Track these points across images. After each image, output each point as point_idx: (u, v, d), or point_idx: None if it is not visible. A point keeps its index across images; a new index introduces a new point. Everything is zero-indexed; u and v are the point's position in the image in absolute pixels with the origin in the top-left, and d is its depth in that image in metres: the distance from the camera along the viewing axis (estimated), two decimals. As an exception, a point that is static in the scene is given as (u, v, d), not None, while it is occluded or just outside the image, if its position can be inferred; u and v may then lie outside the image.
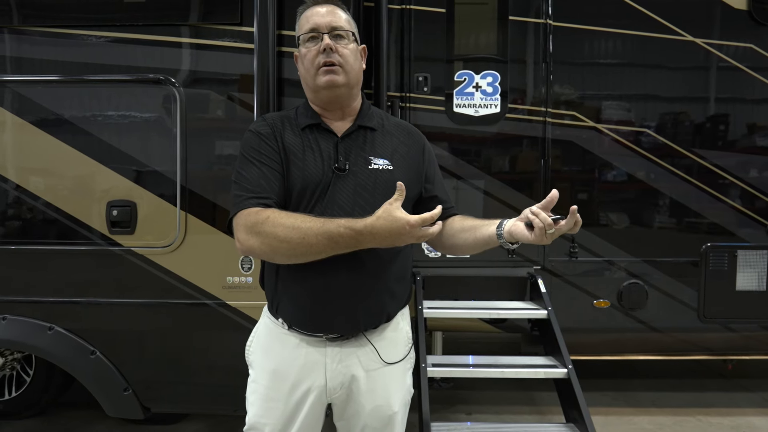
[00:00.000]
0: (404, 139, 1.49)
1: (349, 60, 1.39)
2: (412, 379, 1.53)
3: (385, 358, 1.43)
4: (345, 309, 1.37)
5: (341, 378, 1.40)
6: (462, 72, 3.06)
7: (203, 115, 2.60)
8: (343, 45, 1.39)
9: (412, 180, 1.42)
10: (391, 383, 1.45)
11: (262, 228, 1.26)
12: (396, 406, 1.44)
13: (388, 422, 1.43)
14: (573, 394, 2.51)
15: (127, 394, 2.62)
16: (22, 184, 2.62)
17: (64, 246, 2.59)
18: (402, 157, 1.45)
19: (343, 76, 1.38)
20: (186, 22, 2.58)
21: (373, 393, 1.42)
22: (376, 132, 1.46)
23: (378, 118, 1.50)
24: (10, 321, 2.61)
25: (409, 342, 1.52)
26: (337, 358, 1.39)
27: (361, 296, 1.37)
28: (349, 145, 1.41)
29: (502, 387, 3.63)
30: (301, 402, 1.40)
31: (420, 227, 1.20)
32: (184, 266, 2.57)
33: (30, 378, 3.05)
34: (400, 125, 1.53)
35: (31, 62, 2.64)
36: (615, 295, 3.08)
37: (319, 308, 1.37)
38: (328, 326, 1.39)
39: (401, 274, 1.46)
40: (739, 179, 3.08)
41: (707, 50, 3.06)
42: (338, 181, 1.36)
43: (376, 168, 1.39)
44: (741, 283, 3.06)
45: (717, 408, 3.41)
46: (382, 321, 1.43)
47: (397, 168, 1.42)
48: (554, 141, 3.08)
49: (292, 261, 1.30)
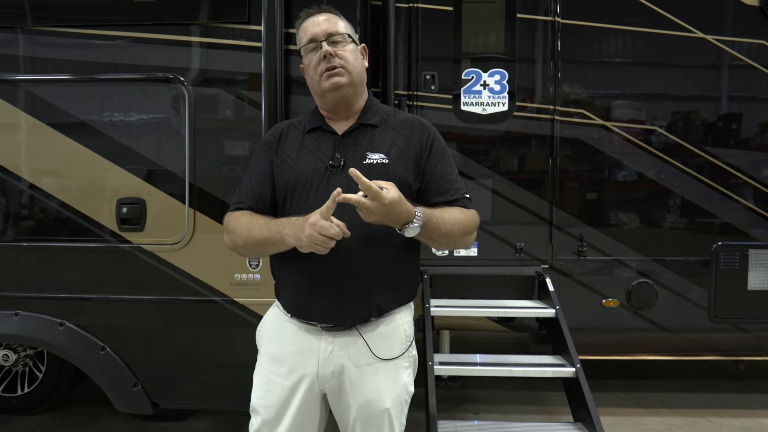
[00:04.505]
0: (406, 132, 1.51)
1: (350, 60, 1.46)
2: (411, 378, 1.51)
3: (377, 353, 1.44)
4: (331, 299, 1.42)
5: (332, 367, 1.43)
6: (469, 70, 3.06)
7: (212, 113, 2.62)
8: (342, 48, 1.46)
9: (409, 172, 1.46)
10: (383, 379, 1.44)
11: (228, 226, 1.50)
12: (387, 402, 1.44)
13: (381, 418, 1.43)
14: (581, 394, 2.50)
15: (137, 389, 2.65)
16: (33, 181, 2.66)
17: (75, 243, 2.62)
18: (400, 149, 1.47)
19: (347, 77, 1.47)
20: (194, 21, 2.60)
21: (363, 387, 1.43)
22: (377, 128, 1.50)
23: (383, 115, 1.53)
24: (22, 317, 2.65)
25: (406, 340, 1.50)
26: (330, 347, 1.43)
27: (346, 288, 1.41)
28: (348, 143, 1.48)
29: (509, 386, 3.62)
30: (295, 388, 1.45)
31: (318, 224, 1.27)
32: (192, 263, 2.59)
33: (42, 374, 3.09)
34: (407, 120, 1.54)
35: (43, 62, 2.67)
36: (624, 294, 3.06)
37: (309, 296, 1.45)
38: (317, 315, 1.44)
39: (398, 270, 1.47)
40: (751, 178, 3.05)
41: (719, 47, 3.03)
42: (333, 177, 1.44)
43: (370, 162, 1.44)
44: (753, 282, 3.03)
45: (728, 409, 3.37)
46: (373, 315, 1.44)
47: (393, 161, 1.45)
48: (563, 139, 3.06)
49: (251, 254, 1.54)
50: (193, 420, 3.23)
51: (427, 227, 1.37)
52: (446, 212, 1.44)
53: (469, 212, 1.50)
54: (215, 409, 3.14)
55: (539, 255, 3.09)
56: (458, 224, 1.44)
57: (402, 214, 1.31)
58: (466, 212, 1.48)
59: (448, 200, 1.49)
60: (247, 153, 2.63)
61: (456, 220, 1.44)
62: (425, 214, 1.36)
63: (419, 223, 1.33)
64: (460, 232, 1.45)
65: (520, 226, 3.08)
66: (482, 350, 2.93)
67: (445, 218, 1.42)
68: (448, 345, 3.23)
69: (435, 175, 1.49)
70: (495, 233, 3.07)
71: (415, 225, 1.33)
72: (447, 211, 1.44)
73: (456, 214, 1.45)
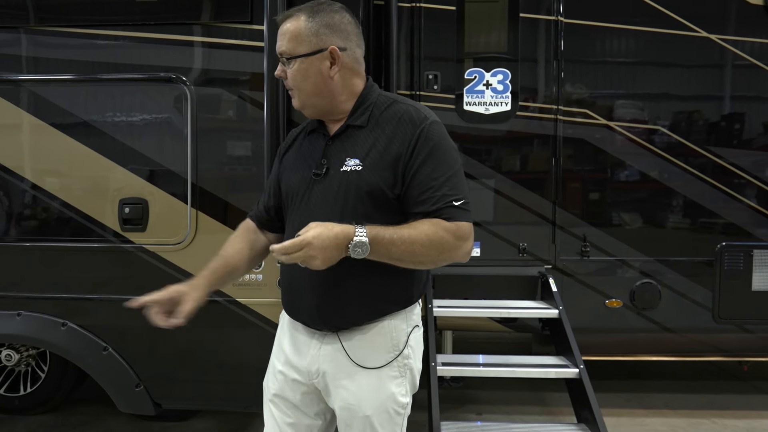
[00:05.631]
0: (390, 130, 1.35)
1: (297, 82, 1.38)
2: (403, 388, 1.42)
3: (357, 360, 1.38)
4: (309, 304, 1.41)
5: (317, 365, 1.42)
6: (472, 70, 3.05)
7: (214, 113, 2.62)
8: (289, 68, 1.38)
9: (386, 179, 1.32)
10: (364, 387, 1.39)
11: None
12: (368, 410, 1.38)
13: (362, 423, 1.40)
14: (584, 395, 2.49)
15: (139, 390, 2.65)
16: (35, 181, 2.66)
17: (77, 243, 2.62)
18: (379, 153, 1.34)
19: (297, 99, 1.41)
20: (197, 21, 2.59)
21: (344, 390, 1.40)
22: (363, 129, 1.38)
23: (375, 110, 1.40)
24: (24, 317, 2.65)
25: (395, 350, 1.40)
26: (318, 346, 1.43)
27: (323, 297, 1.38)
28: (336, 147, 1.40)
29: (512, 387, 3.61)
30: (287, 377, 1.46)
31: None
32: (194, 263, 2.58)
33: (44, 374, 3.09)
34: (395, 115, 1.37)
35: (46, 62, 2.67)
36: (627, 294, 3.05)
37: (292, 298, 1.46)
38: (302, 318, 1.45)
39: (379, 280, 1.36)
40: (755, 178, 3.03)
41: (722, 46, 3.02)
42: (316, 185, 1.38)
43: (345, 170, 1.34)
44: (757, 283, 3.01)
45: (732, 410, 3.36)
46: (355, 324, 1.38)
47: (368, 167, 1.33)
48: (566, 139, 3.05)
49: None
50: (195, 420, 3.22)
51: (379, 244, 1.23)
52: (408, 227, 1.27)
53: (447, 226, 1.28)
54: (217, 409, 3.13)
55: (542, 255, 3.08)
56: (421, 242, 1.25)
57: (338, 237, 1.21)
58: (442, 226, 1.27)
59: (427, 211, 1.29)
60: (250, 153, 2.62)
61: (419, 237, 1.25)
62: (371, 230, 1.23)
63: (363, 238, 1.22)
64: (425, 249, 1.26)
65: (523, 226, 3.07)
66: (485, 351, 2.93)
67: (404, 236, 1.25)
68: (451, 345, 3.22)
69: (415, 180, 1.31)
70: (498, 233, 3.06)
71: (359, 240, 1.22)
72: (410, 226, 1.27)
73: (423, 229, 1.26)
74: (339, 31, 1.38)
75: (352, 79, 1.41)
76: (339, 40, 1.38)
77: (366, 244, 1.23)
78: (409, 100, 1.44)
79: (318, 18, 1.37)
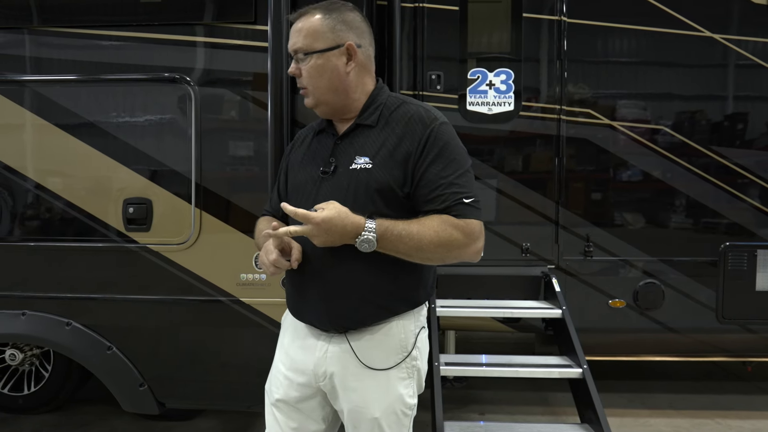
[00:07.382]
0: (400, 130, 1.36)
1: (312, 79, 1.38)
2: (411, 389, 1.42)
3: (367, 362, 1.38)
4: (319, 306, 1.40)
5: (324, 368, 1.41)
6: (475, 70, 3.05)
7: (218, 113, 2.63)
8: (304, 65, 1.38)
9: (396, 177, 1.33)
10: (372, 389, 1.39)
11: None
12: (377, 412, 1.38)
13: (370, 425, 1.39)
14: (588, 395, 2.49)
15: (143, 389, 2.65)
16: (39, 181, 2.67)
17: (82, 243, 2.63)
18: (389, 151, 1.35)
19: (311, 98, 1.40)
20: (200, 21, 2.60)
21: (353, 392, 1.40)
22: (372, 129, 1.39)
23: (385, 110, 1.40)
24: (29, 316, 2.66)
25: (403, 351, 1.40)
26: (325, 348, 1.41)
27: (331, 298, 1.38)
28: (345, 146, 1.40)
29: (515, 387, 3.61)
30: (293, 382, 1.45)
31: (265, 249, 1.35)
32: (198, 263, 2.60)
33: (48, 373, 3.10)
34: (405, 115, 1.38)
35: (50, 62, 2.68)
36: (631, 294, 3.05)
37: (301, 300, 1.45)
38: (308, 319, 1.44)
39: (386, 279, 1.36)
40: (759, 177, 3.03)
41: (726, 46, 3.01)
42: (324, 183, 1.39)
43: (355, 168, 1.35)
44: (761, 283, 3.01)
45: (736, 411, 3.35)
46: (364, 324, 1.38)
47: (378, 166, 1.34)
48: (569, 139, 3.05)
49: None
50: (199, 420, 3.23)
51: (387, 240, 1.25)
52: (417, 223, 1.28)
53: (457, 223, 1.29)
54: (221, 408, 3.14)
55: (545, 255, 3.07)
56: (429, 238, 1.26)
57: (346, 228, 1.23)
58: (451, 223, 1.28)
59: (437, 209, 1.30)
60: (253, 153, 2.63)
61: (427, 233, 1.26)
62: (381, 226, 1.25)
63: (371, 235, 1.24)
64: (433, 246, 1.27)
65: (526, 226, 3.07)
66: (488, 351, 2.93)
67: (413, 231, 1.26)
68: (454, 345, 3.22)
69: (425, 179, 1.32)
70: (501, 233, 3.06)
71: (367, 237, 1.24)
72: (419, 222, 1.28)
73: (432, 225, 1.28)
74: (354, 28, 1.40)
75: (365, 78, 1.43)
76: (355, 37, 1.39)
77: (373, 241, 1.26)
78: (418, 101, 1.46)
79: (334, 15, 1.39)
